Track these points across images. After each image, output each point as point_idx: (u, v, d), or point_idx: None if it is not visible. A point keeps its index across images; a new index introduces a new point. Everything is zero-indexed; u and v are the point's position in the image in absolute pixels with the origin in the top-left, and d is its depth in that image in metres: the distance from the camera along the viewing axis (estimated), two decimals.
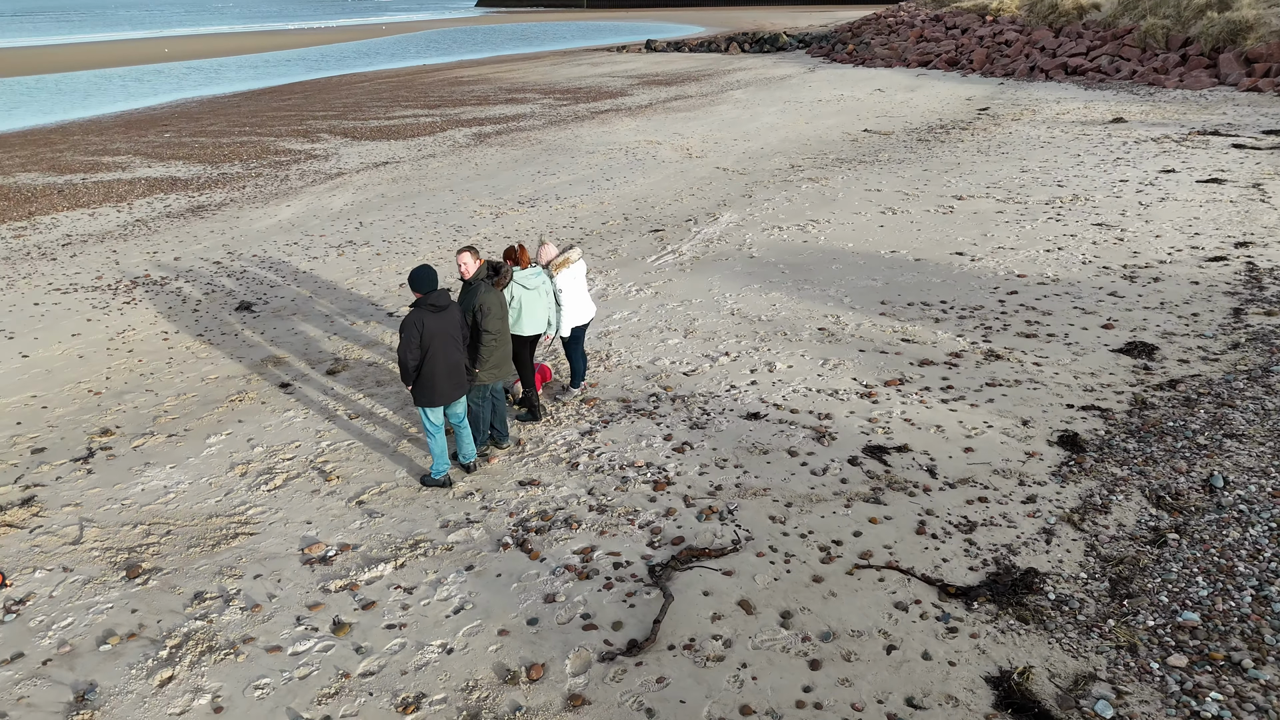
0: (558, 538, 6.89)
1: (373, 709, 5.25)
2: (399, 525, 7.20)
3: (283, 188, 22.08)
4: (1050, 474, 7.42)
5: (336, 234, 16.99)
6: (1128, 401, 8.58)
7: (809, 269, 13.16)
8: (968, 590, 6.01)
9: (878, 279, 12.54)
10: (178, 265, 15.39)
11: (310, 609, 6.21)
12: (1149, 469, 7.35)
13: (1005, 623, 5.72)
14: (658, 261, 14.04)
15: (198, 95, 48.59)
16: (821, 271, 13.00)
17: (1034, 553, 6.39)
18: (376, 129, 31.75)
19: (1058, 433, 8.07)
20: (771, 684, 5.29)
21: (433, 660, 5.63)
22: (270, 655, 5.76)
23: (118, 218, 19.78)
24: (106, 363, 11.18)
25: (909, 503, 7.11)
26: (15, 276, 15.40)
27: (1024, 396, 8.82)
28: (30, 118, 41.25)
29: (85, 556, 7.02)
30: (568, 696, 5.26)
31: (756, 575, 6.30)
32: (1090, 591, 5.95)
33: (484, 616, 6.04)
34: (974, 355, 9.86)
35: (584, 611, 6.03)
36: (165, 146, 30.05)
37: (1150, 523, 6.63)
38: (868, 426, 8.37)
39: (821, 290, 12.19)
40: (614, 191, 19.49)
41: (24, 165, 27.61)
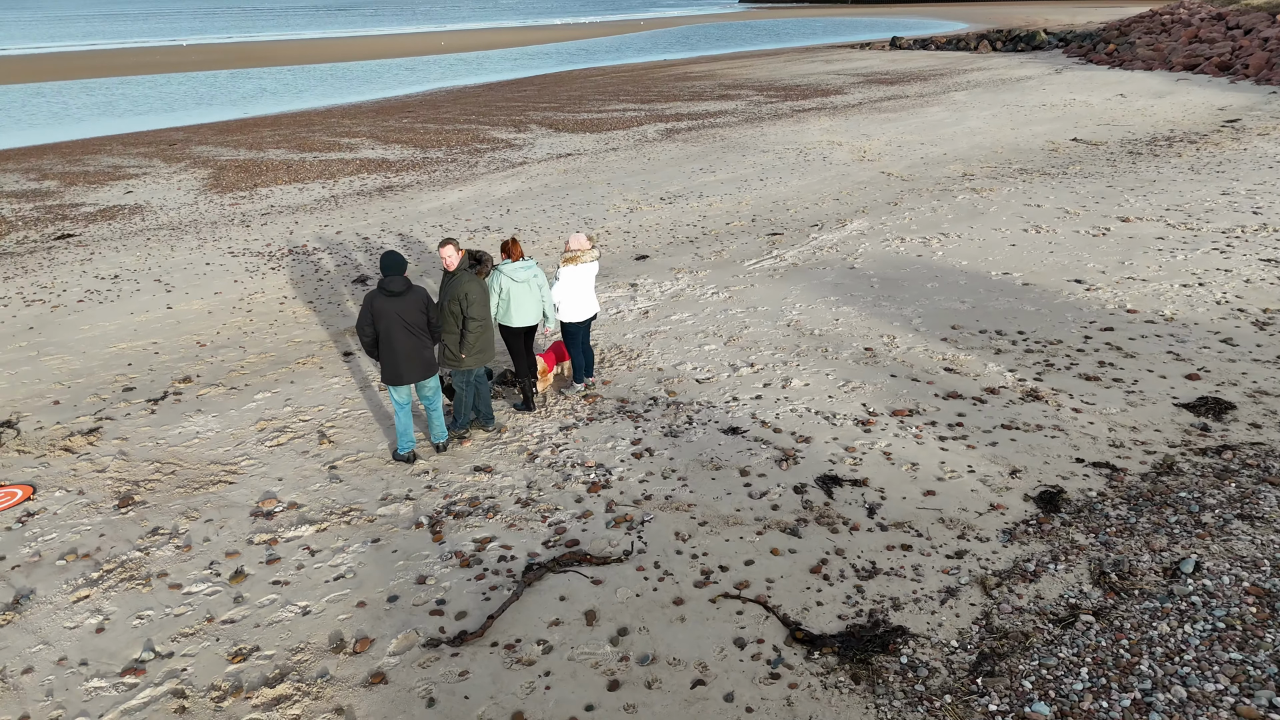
0: (470, 524, 7.14)
1: (209, 653, 5.77)
2: (347, 493, 7.74)
3: (466, 173, 23.61)
4: (1001, 531, 6.72)
5: (479, 219, 18.02)
6: (1152, 463, 7.54)
7: (901, 285, 12.45)
8: (817, 638, 5.64)
9: (966, 301, 11.66)
10: (335, 239, 17.00)
11: (227, 556, 6.87)
12: (1118, 541, 6.48)
13: (835, 679, 5.33)
14: (755, 265, 13.81)
15: (452, 85, 52.59)
16: (912, 289, 12.27)
17: (919, 611, 5.86)
18: (581, 121, 33.03)
19: (1042, 488, 7.27)
20: (559, 696, 5.27)
21: (287, 619, 6.08)
22: (168, 591, 6.45)
23: (318, 193, 22.02)
24: (225, 319, 12.65)
25: (825, 539, 6.71)
26: (209, 239, 17.65)
27: (1035, 444, 7.99)
28: (311, 101, 46.47)
29: (100, 484, 8.12)
30: (372, 673, 5.53)
31: (621, 589, 6.24)
32: (950, 662, 5.40)
33: (355, 587, 6.41)
34: (1012, 393, 9.01)
35: (441, 597, 6.26)
36: (395, 131, 32.88)
37: (1074, 600, 5.87)
38: (840, 455, 7.93)
39: (897, 309, 11.53)
40: (759, 191, 19.26)
41: (278, 143, 31.24)
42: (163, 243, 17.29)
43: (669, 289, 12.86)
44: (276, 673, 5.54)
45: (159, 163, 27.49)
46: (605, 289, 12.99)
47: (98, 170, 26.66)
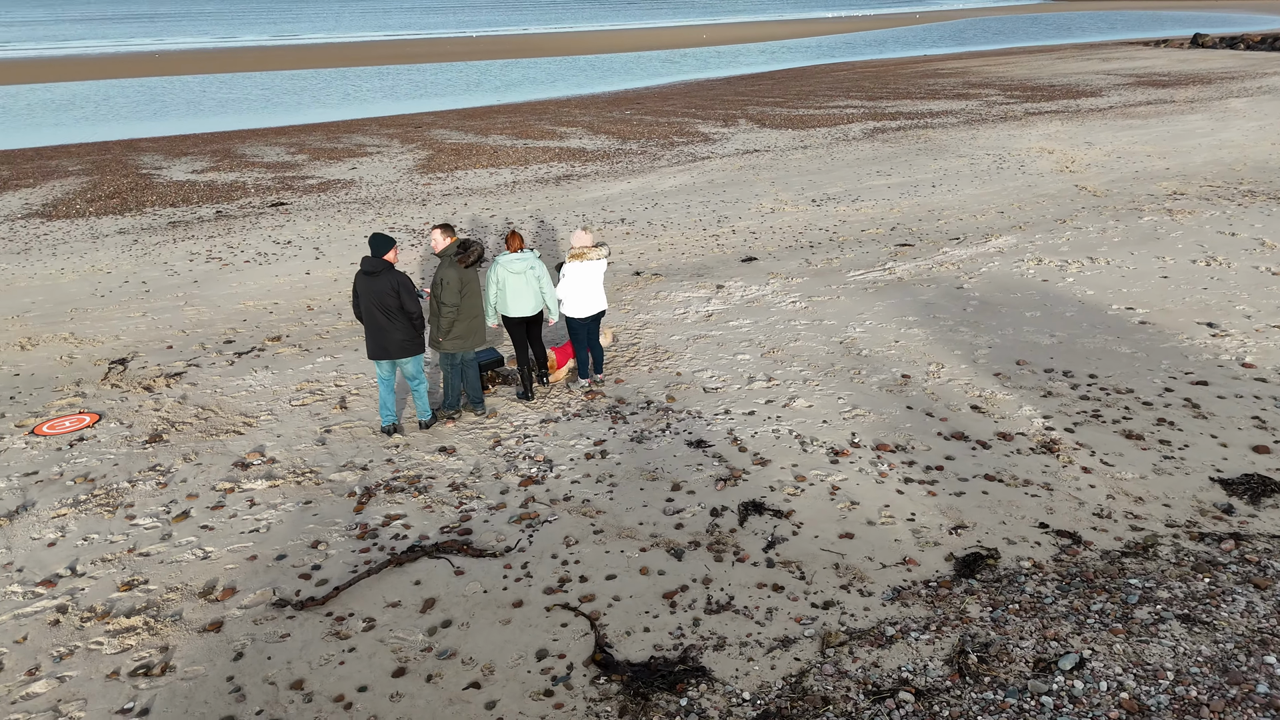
0: (394, 500, 7.52)
1: (108, 580, 6.55)
2: (320, 456, 8.38)
3: (646, 166, 24.10)
4: (891, 588, 6.13)
5: (621, 211, 18.41)
6: (1129, 541, 6.53)
7: (997, 311, 11.41)
8: (614, 664, 5.48)
9: (1056, 335, 10.50)
10: (487, 221, 18.06)
11: (187, 497, 7.71)
12: (1014, 620, 5.71)
13: (604, 708, 5.18)
14: (858, 276, 13.16)
15: (694, 78, 53.44)
16: (1007, 316, 11.21)
17: (737, 656, 5.52)
18: (791, 118, 32.55)
19: (974, 550, 6.52)
20: (345, 673, 5.51)
21: (185, 561, 6.76)
22: (122, 521, 7.36)
23: (504, 179, 23.37)
24: (344, 288, 13.90)
25: (702, 565, 6.44)
26: (385, 214, 19.34)
27: (1006, 500, 7.14)
28: (561, 90, 49.06)
29: (148, 421, 9.32)
30: (213, 620, 6.04)
31: (475, 583, 6.35)
32: (729, 714, 5.07)
33: (258, 542, 6.99)
34: (1027, 441, 8.07)
35: (318, 564, 6.68)
36: (611, 122, 34.03)
37: (908, 674, 5.28)
38: (784, 484, 7.51)
39: (972, 336, 10.59)
40: (921, 199, 18.21)
41: (502, 129, 33.36)
42: (346, 215, 19.13)
43: (750, 294, 12.57)
44: (141, 606, 6.20)
45: (395, 144, 30.21)
46: (688, 288, 12.91)
47: (344, 147, 29.76)
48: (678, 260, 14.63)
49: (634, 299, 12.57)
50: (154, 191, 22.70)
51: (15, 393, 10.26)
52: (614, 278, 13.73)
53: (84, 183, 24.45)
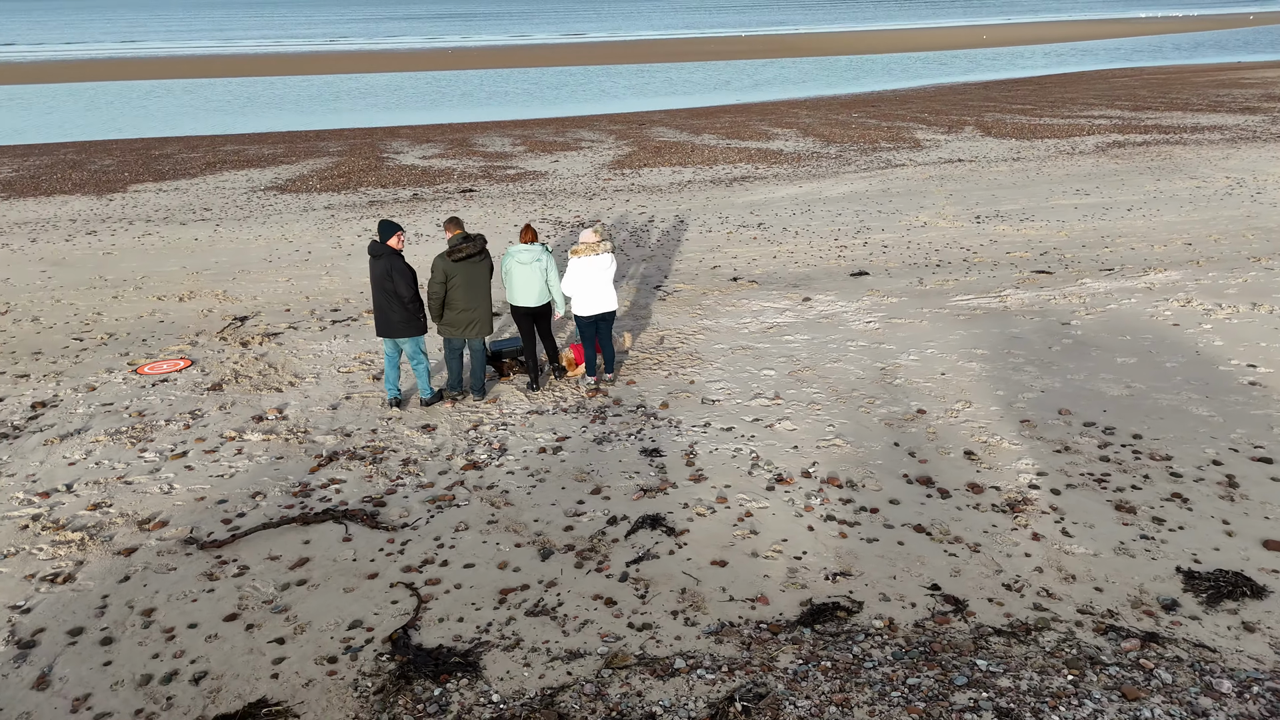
0: (348, 467, 8.14)
1: (83, 500, 7.64)
2: (322, 419, 9.20)
3: (827, 171, 23.56)
4: (718, 623, 5.86)
5: (767, 216, 18.18)
6: (1022, 619, 5.79)
7: (1084, 354, 10.26)
8: (404, 645, 5.70)
9: (1132, 387, 9.29)
10: (634, 219, 18.54)
11: (195, 440, 8.78)
12: (815, 678, 5.29)
13: (368, 683, 5.43)
14: (959, 302, 12.28)
15: (950, 81, 50.85)
16: (1091, 361, 10.06)
17: (519, 661, 5.54)
18: (1023, 126, 30.40)
19: (838, 599, 6.07)
20: (190, 610, 6.12)
21: (150, 492, 7.73)
22: (133, 452, 8.53)
23: (681, 178, 23.76)
24: None
25: (559, 568, 6.47)
26: (550, 205, 20.35)
27: (917, 554, 6.54)
28: (802, 90, 48.68)
29: (222, 371, 10.63)
30: (129, 547, 6.92)
31: (352, 550, 6.78)
32: (469, 711, 5.16)
33: (216, 485, 7.85)
34: (994, 497, 7.29)
35: (243, 511, 7.40)
36: (827, 125, 33.40)
37: (661, 712, 5.09)
38: (701, 503, 7.31)
39: (1031, 379, 9.62)
40: (1104, 222, 16.53)
41: (719, 128, 33.71)
42: (515, 204, 20.33)
43: (830, 310, 12.08)
44: (91, 525, 7.21)
45: (610, 139, 31.46)
46: (772, 299, 12.63)
47: (562, 141, 31.42)
48: (785, 269, 14.28)
49: (710, 304, 12.48)
50: (378, 173, 25.23)
51: (150, 336, 12.02)
52: (709, 282, 13.67)
53: (330, 163, 27.62)
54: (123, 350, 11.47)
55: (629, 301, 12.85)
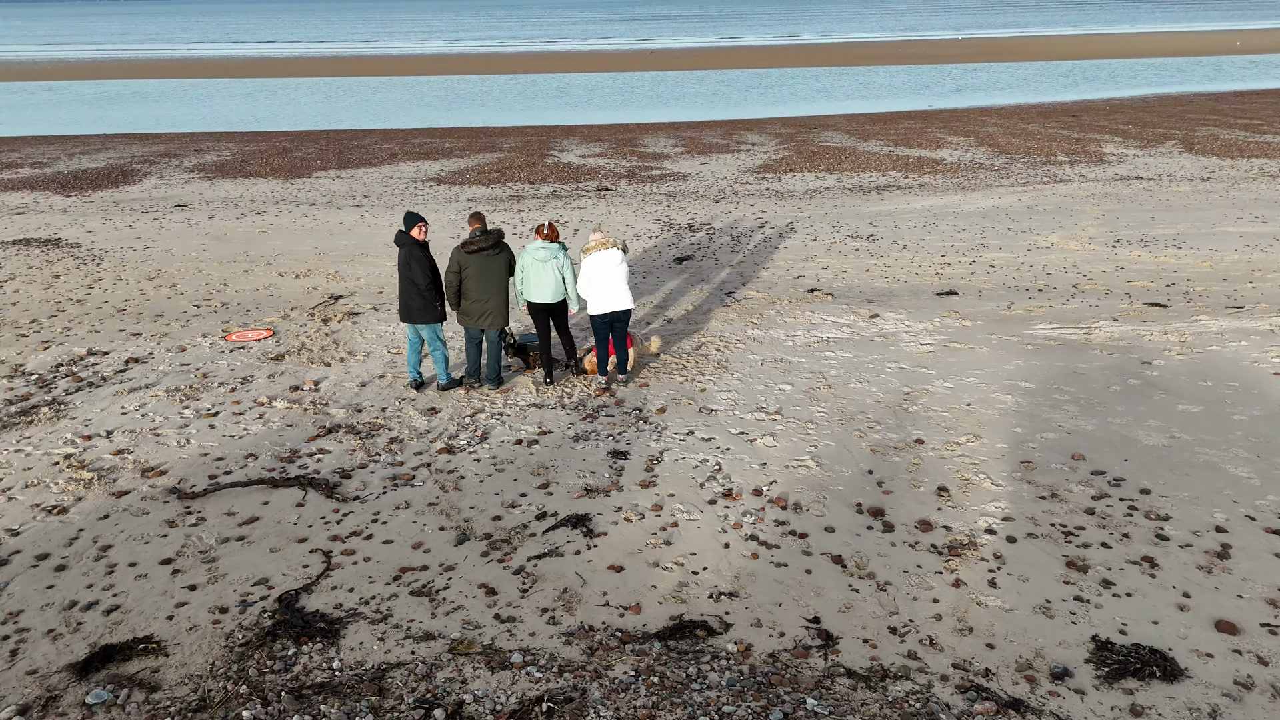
0: (343, 441, 8.73)
1: (115, 445, 8.62)
2: (349, 394, 9.87)
3: (981, 183, 22.42)
4: (581, 626, 5.91)
5: (884, 228, 17.57)
6: (875, 666, 5.49)
7: (1142, 399, 9.38)
8: (289, 605, 6.14)
9: (1178, 438, 8.43)
10: (745, 223, 18.46)
11: (232, 403, 9.70)
12: (637, 690, 5.24)
13: (242, 635, 5.91)
14: (1039, 331, 11.48)
15: (1180, 90, 46.70)
16: (1146, 407, 9.19)
17: (376, 635, 5.85)
18: (1235, 144, 27.67)
19: (708, 618, 5.97)
20: (138, 550, 6.83)
21: (168, 445, 8.63)
22: (176, 408, 9.52)
23: (820, 184, 23.31)
24: None
25: (466, 554, 6.73)
26: (668, 207, 20.57)
27: (819, 584, 6.28)
28: (1011, 97, 46.16)
29: (292, 343, 11.62)
30: (124, 490, 7.79)
31: (297, 514, 7.32)
32: (309, 674, 5.52)
33: (221, 444, 8.64)
34: (939, 537, 6.88)
35: (229, 470, 8.14)
36: (1006, 134, 31.58)
37: (470, 702, 5.24)
38: (634, 508, 7.33)
39: (1063, 419, 8.91)
40: (1267, 255, 14.94)
41: (889, 135, 32.69)
42: (639, 205, 20.69)
43: (891, 329, 11.62)
44: (104, 467, 8.17)
45: (771, 143, 31.25)
46: (837, 313, 12.29)
47: (722, 144, 31.52)
48: (870, 283, 13.79)
49: (771, 315, 12.29)
50: (531, 170, 26.33)
51: (255, 308, 13.29)
52: (784, 291, 13.44)
53: (496, 158, 29.08)
54: (225, 319, 12.73)
55: (691, 306, 12.85)
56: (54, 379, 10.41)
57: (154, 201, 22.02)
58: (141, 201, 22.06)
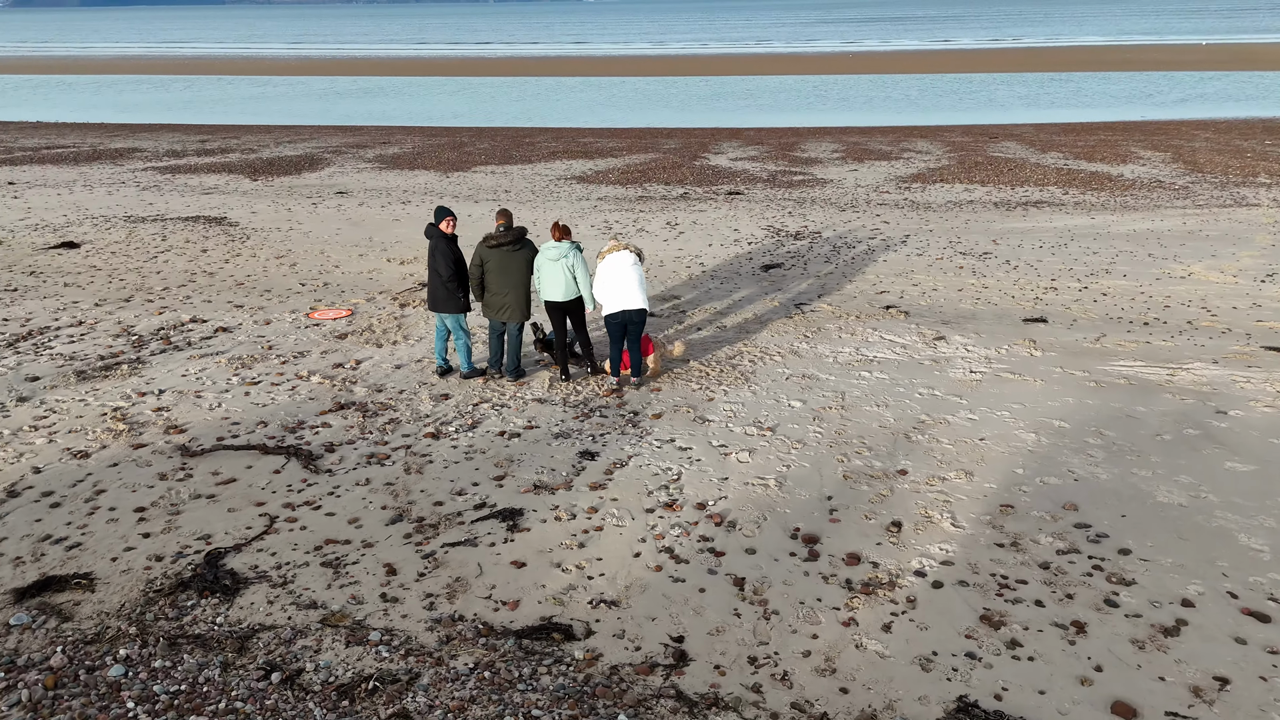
0: (348, 418, 9.28)
1: (160, 403, 9.59)
2: (382, 376, 10.42)
3: (1149, 203, 20.67)
4: (451, 615, 6.08)
5: (1008, 247, 16.55)
6: (710, 693, 5.33)
7: (1188, 450, 8.46)
8: (213, 559, 6.69)
9: (1202, 498, 7.56)
10: (857, 233, 17.89)
11: (276, 374, 10.50)
12: (453, 685, 5.40)
13: (185, 596, 6.50)
14: (1115, 368, 10.54)
15: None
16: (1184, 458, 8.28)
17: (263, 598, 6.29)
18: None
19: (559, 621, 5.97)
20: (123, 497, 7.56)
21: (203, 407, 9.45)
22: (227, 375, 10.42)
23: (966, 196, 22.19)
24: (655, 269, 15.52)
25: (390, 535, 7.05)
26: (795, 215, 20.24)
27: (707, 604, 6.10)
28: (1231, 110, 42.05)
29: (362, 323, 12.43)
30: (141, 445, 8.65)
31: (266, 481, 7.89)
32: (201, 624, 6.01)
33: (245, 410, 9.40)
34: (859, 572, 6.53)
35: (237, 434, 8.85)
36: (1216, 152, 28.91)
37: (285, 666, 5.53)
38: (571, 509, 7.39)
39: (1084, 465, 8.16)
40: None
41: (1072, 147, 30.60)
42: (760, 210, 20.44)
43: (949, 353, 11.00)
44: (140, 422, 9.09)
45: (936, 151, 29.95)
46: (900, 332, 11.76)
47: (884, 150, 30.53)
48: (955, 304, 13.06)
49: (829, 329, 11.91)
50: (674, 172, 26.54)
51: (349, 289, 14.28)
52: (856, 306, 12.98)
53: (647, 159, 29.48)
54: (319, 297, 13.76)
55: (753, 314, 12.64)
56: (149, 340, 11.65)
57: (322, 189, 23.93)
58: (312, 188, 24.04)
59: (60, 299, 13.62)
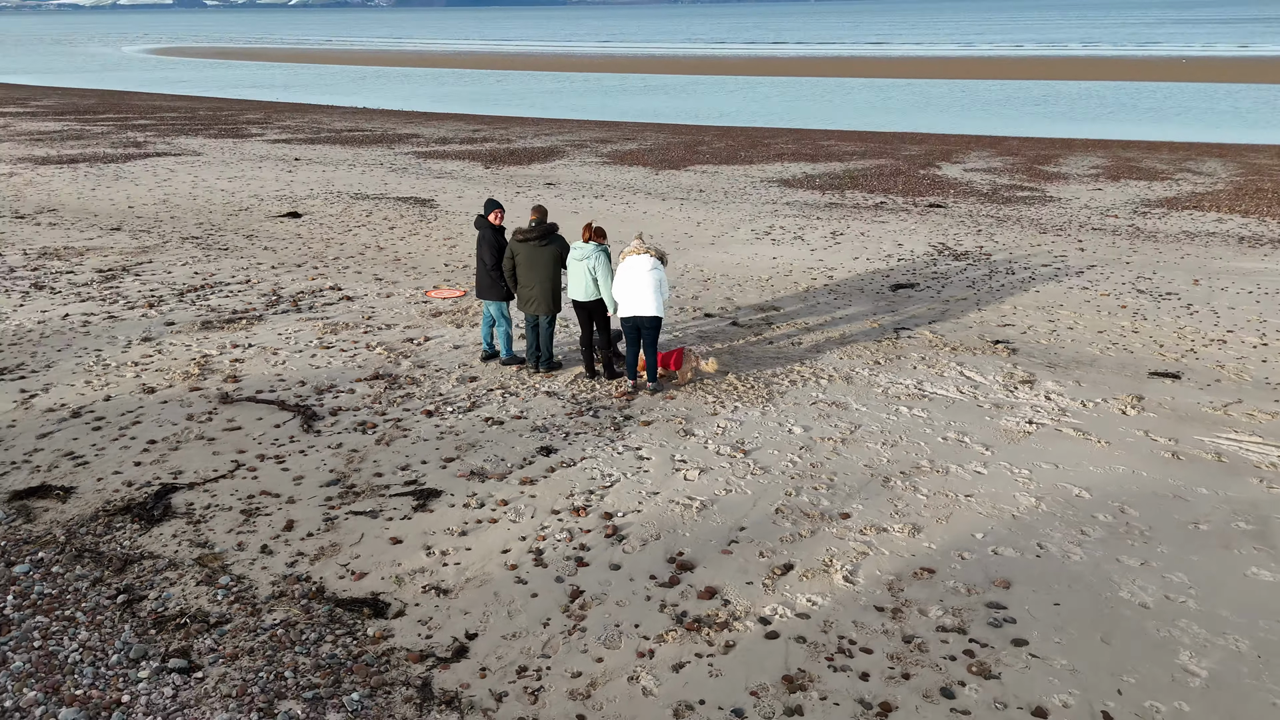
0: (371, 385, 10.05)
1: (242, 353, 10.91)
2: (435, 352, 11.10)
3: None
4: (279, 578, 6.57)
5: (1203, 291, 14.43)
6: (461, 702, 5.39)
7: (1194, 546, 7.12)
8: (164, 490, 7.65)
9: (1168, 600, 6.43)
10: (1035, 256, 16.34)
11: (350, 341, 11.55)
12: (242, 638, 5.86)
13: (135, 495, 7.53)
14: (1222, 440, 9.05)
15: None
16: (1216, 551, 7.06)
17: (233, 536, 7.10)
18: None
19: (379, 600, 6.24)
20: (146, 430, 8.88)
21: (269, 361, 10.57)
22: (312, 334, 11.62)
23: (1216, 227, 19.49)
24: (787, 267, 15.27)
25: (319, 496, 7.66)
26: (983, 230, 18.80)
27: (523, 608, 6.19)
28: None
29: (463, 304, 13.34)
30: (199, 388, 9.94)
31: (263, 433, 8.82)
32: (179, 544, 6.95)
33: (297, 369, 10.41)
34: (700, 606, 6.23)
35: (274, 388, 9.90)
36: None
37: (172, 609, 6.24)
38: (484, 500, 7.62)
39: (1053, 545, 7.09)
40: None
41: None
42: (946, 227, 19.15)
43: (1028, 399, 9.89)
44: (210, 368, 10.36)
45: (1228, 171, 26.39)
46: (990, 371, 10.77)
47: (1159, 169, 27.31)
48: (1080, 348, 11.64)
49: (910, 358, 11.10)
50: (890, 180, 25.40)
51: None
52: (961, 338, 11.96)
53: (871, 165, 28.41)
54: (447, 277, 14.85)
55: (839, 333, 12.02)
56: (282, 302, 13.21)
57: (535, 179, 25.44)
58: (528, 178, 25.63)
59: (251, 260, 15.72)
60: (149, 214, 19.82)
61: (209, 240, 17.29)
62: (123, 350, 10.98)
